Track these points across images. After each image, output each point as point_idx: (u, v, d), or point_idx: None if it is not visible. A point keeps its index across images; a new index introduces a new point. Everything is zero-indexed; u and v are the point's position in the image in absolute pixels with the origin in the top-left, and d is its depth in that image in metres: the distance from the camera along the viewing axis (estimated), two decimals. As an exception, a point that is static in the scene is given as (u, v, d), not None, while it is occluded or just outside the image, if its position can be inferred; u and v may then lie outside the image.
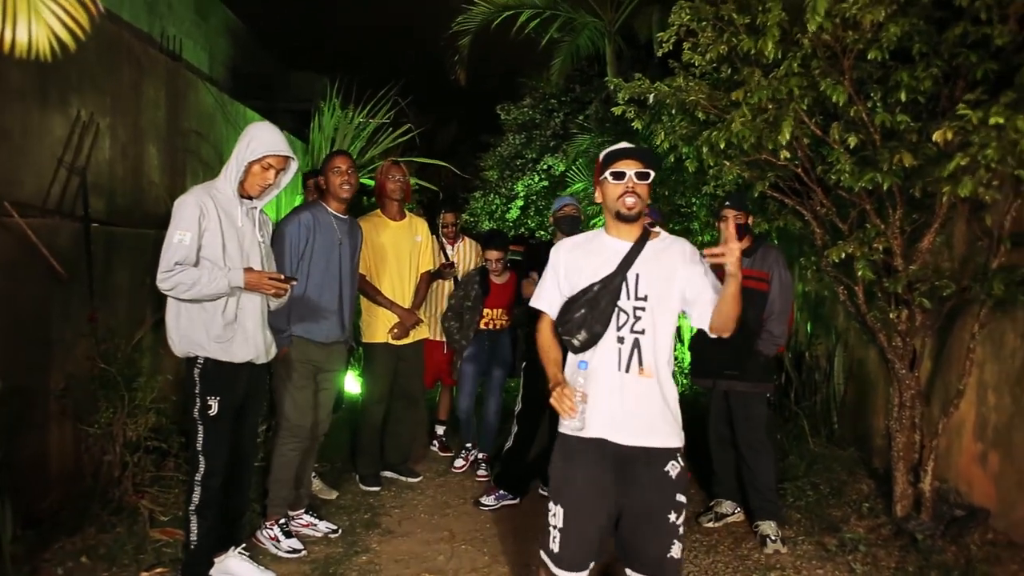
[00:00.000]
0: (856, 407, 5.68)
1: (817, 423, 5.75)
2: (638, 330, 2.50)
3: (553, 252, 2.72)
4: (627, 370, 2.50)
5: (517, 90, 12.63)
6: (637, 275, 2.53)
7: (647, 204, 2.58)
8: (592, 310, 2.50)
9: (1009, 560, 3.69)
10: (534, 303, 2.74)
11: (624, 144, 2.62)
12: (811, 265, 4.59)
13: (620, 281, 2.52)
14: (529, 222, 11.91)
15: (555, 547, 2.54)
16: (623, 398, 2.49)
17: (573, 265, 2.62)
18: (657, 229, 2.66)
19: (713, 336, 2.57)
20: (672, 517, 2.49)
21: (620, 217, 2.54)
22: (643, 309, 2.51)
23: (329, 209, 4.01)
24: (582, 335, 2.50)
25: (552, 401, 2.45)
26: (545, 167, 11.70)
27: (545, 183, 11.72)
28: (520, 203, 12.01)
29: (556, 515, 2.55)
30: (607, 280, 2.52)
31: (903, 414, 4.19)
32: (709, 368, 4.39)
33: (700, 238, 8.44)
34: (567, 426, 2.46)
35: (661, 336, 2.53)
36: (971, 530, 3.98)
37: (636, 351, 2.50)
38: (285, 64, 12.43)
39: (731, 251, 2.35)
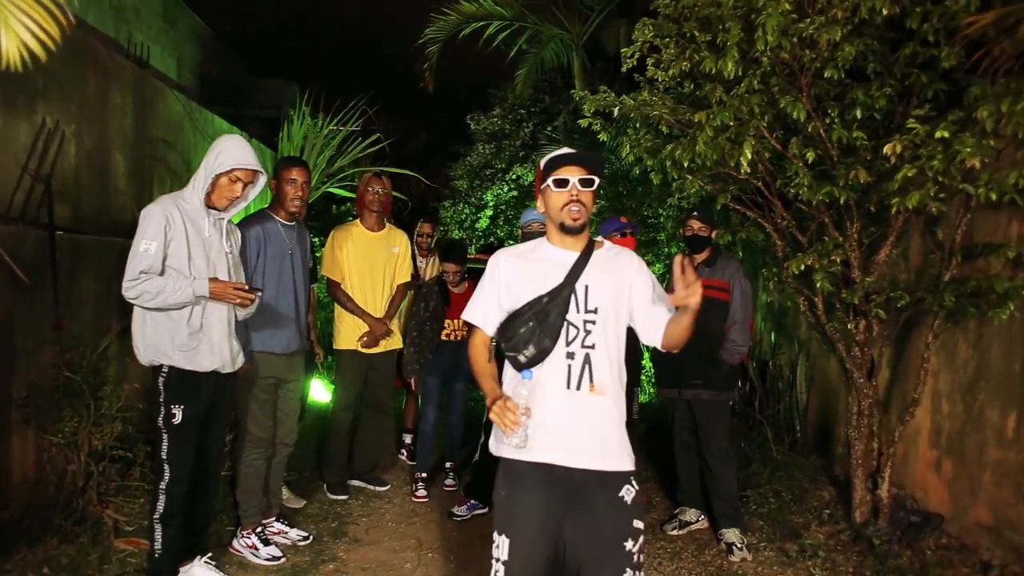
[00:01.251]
0: (818, 415, 5.80)
1: (780, 431, 5.86)
2: (588, 344, 2.34)
3: (491, 262, 2.51)
4: (578, 387, 2.32)
5: (487, 100, 12.69)
6: (586, 286, 2.37)
7: (591, 212, 2.43)
8: (541, 324, 2.32)
9: (961, 564, 3.81)
10: (467, 316, 2.53)
11: (566, 149, 2.45)
12: (772, 276, 4.70)
13: (569, 293, 2.35)
14: (499, 231, 11.95)
15: None
16: (573, 418, 2.31)
17: (516, 276, 2.44)
18: (600, 239, 2.54)
19: (663, 351, 2.47)
20: (628, 545, 2.30)
21: (564, 229, 2.39)
22: (593, 322, 2.35)
23: (277, 218, 3.99)
24: (529, 350, 2.32)
25: (492, 416, 2.25)
26: (514, 177, 11.76)
27: (514, 193, 11.78)
28: (489, 212, 12.05)
29: (500, 547, 2.36)
30: (555, 292, 2.35)
31: (861, 422, 4.30)
32: (673, 378, 4.47)
33: (667, 248, 8.57)
34: (509, 443, 2.27)
35: (613, 350, 2.38)
36: (926, 535, 4.10)
37: (587, 367, 2.33)
38: (253, 71, 12.37)
39: (695, 292, 2.20)
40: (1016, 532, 3.67)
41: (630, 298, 2.44)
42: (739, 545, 4.13)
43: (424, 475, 5.10)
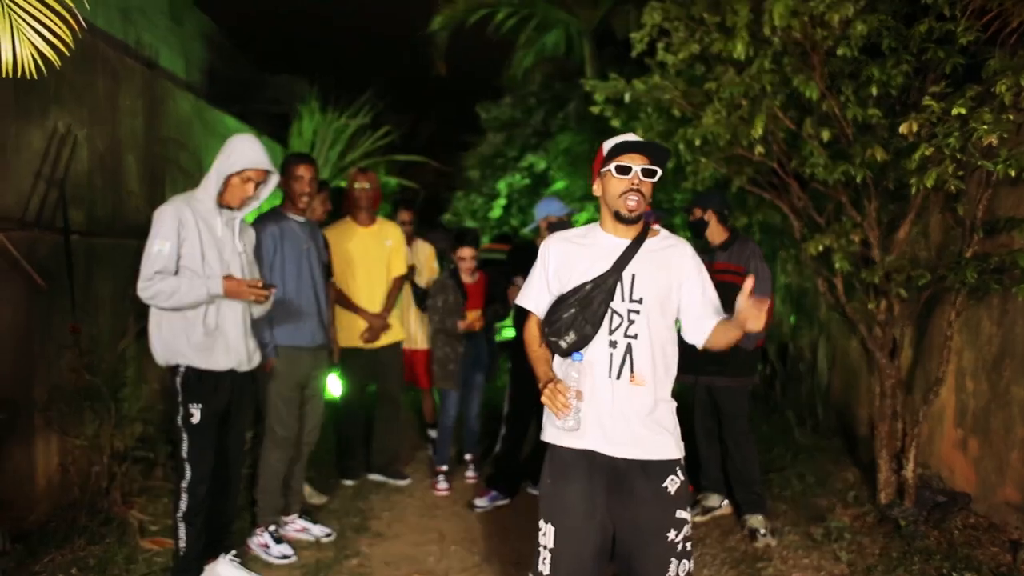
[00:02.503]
0: (841, 397, 5.75)
1: (802, 414, 5.81)
2: (631, 335, 2.33)
3: (543, 247, 2.51)
4: (618, 376, 2.32)
5: (497, 89, 12.65)
6: (633, 275, 2.35)
7: (649, 204, 2.40)
8: (583, 310, 2.31)
9: (989, 543, 3.76)
10: (520, 301, 2.55)
11: (631, 136, 2.42)
12: (791, 258, 4.65)
13: (615, 281, 2.34)
14: (512, 220, 11.94)
15: (545, 568, 2.34)
16: (613, 406, 2.31)
17: (564, 261, 2.43)
18: (657, 227, 2.51)
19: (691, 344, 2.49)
20: (672, 535, 2.29)
21: (620, 218, 2.37)
22: (638, 312, 2.34)
23: (291, 216, 4.01)
24: (571, 336, 2.32)
25: (543, 399, 2.26)
26: (527, 165, 11.73)
27: (527, 181, 11.75)
28: (502, 202, 12.03)
29: (546, 535, 2.35)
30: (600, 279, 2.34)
31: (884, 403, 4.25)
32: (690, 364, 4.42)
33: (684, 233, 8.50)
34: (562, 425, 2.26)
35: (657, 342, 2.36)
36: (953, 515, 4.05)
37: (628, 357, 2.32)
38: (262, 67, 12.36)
39: (759, 319, 2.23)
40: (1045, 510, 3.62)
41: (679, 293, 2.43)
42: (763, 531, 4.10)
43: (444, 468, 5.10)
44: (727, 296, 4.14)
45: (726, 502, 4.53)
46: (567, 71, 11.99)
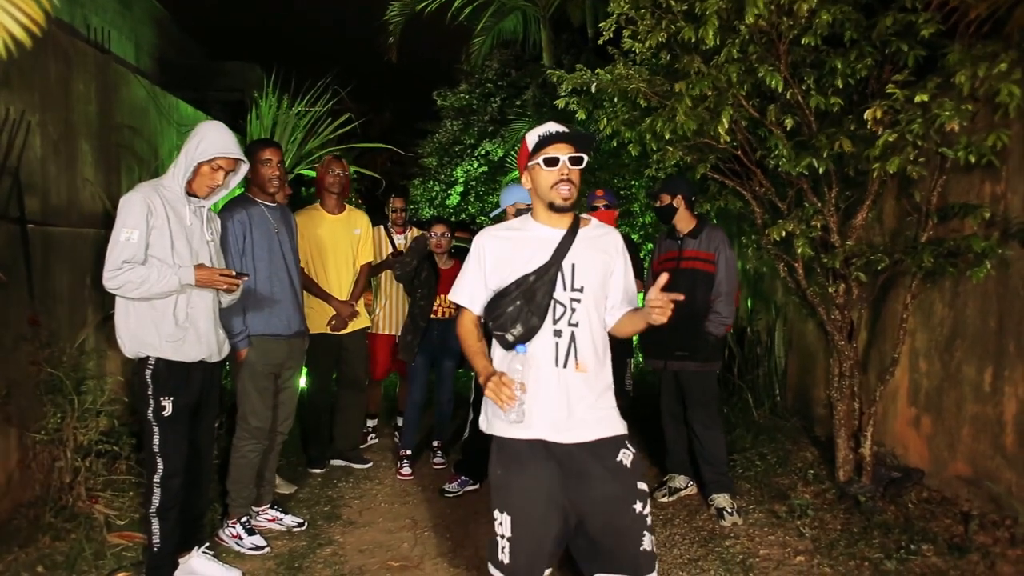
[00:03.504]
0: (797, 379, 5.91)
1: (760, 395, 5.97)
2: (574, 323, 2.37)
3: (477, 242, 2.51)
4: (564, 365, 2.36)
5: (453, 77, 12.59)
6: (573, 265, 2.39)
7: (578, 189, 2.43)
8: (528, 302, 2.33)
9: (943, 515, 3.92)
10: (453, 296, 2.53)
11: (554, 126, 2.42)
12: (752, 243, 4.75)
13: (556, 271, 2.37)
14: (470, 207, 11.92)
15: (505, 558, 2.36)
16: (561, 394, 2.35)
17: (501, 255, 2.44)
18: (586, 216, 2.56)
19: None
20: (638, 507, 2.34)
21: (554, 208, 2.39)
22: (579, 301, 2.38)
23: (259, 200, 3.96)
24: (517, 329, 2.32)
25: (488, 393, 2.27)
26: (483, 152, 11.71)
27: (484, 168, 11.73)
28: (460, 189, 11.99)
29: (503, 524, 2.36)
30: (542, 270, 2.36)
31: (843, 383, 4.39)
32: (659, 349, 4.51)
33: (641, 219, 8.61)
34: (506, 419, 2.28)
35: (596, 328, 2.43)
36: (908, 490, 4.21)
37: (572, 345, 2.36)
38: (213, 54, 12.09)
39: (664, 314, 2.24)
40: (994, 482, 3.79)
41: (611, 280, 2.48)
42: (729, 510, 4.20)
43: (408, 453, 5.12)
44: (696, 283, 4.26)
45: (692, 483, 4.63)
46: (523, 58, 12.00)
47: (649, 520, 2.37)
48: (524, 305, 2.32)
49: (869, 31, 3.55)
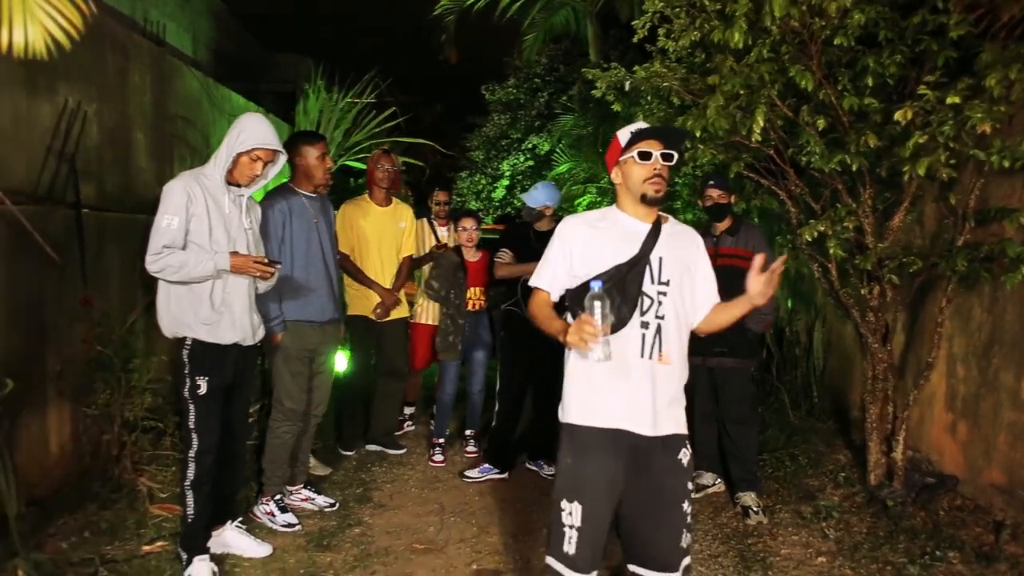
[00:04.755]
0: (835, 381, 5.84)
1: (797, 397, 5.92)
2: (660, 315, 2.41)
3: (564, 229, 2.53)
4: (650, 356, 2.39)
5: (502, 71, 12.66)
6: (660, 258, 2.44)
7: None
8: (620, 293, 2.36)
9: (974, 524, 3.87)
10: (534, 281, 2.56)
11: (643, 123, 2.51)
12: (787, 243, 4.72)
13: (645, 264, 2.42)
14: (515, 201, 12.00)
15: (571, 549, 2.37)
16: (648, 386, 2.38)
17: (590, 244, 2.46)
18: (664, 214, 2.59)
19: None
20: (685, 505, 2.41)
21: (645, 200, 2.43)
22: (665, 294, 2.42)
23: (300, 191, 4.08)
24: (608, 319, 2.29)
25: (570, 337, 2.25)
26: (530, 147, 11.77)
27: (531, 163, 11.80)
28: (506, 183, 12.09)
29: (572, 514, 2.38)
30: (632, 262, 2.40)
31: (876, 386, 4.34)
32: (698, 347, 4.50)
33: (683, 216, 8.57)
34: (592, 356, 2.20)
35: (681, 322, 2.47)
36: (940, 496, 4.16)
37: (658, 337, 2.40)
38: (268, 46, 12.39)
39: (769, 293, 2.35)
40: (1028, 492, 3.72)
41: (693, 277, 2.53)
42: (755, 508, 4.21)
43: (442, 441, 5.24)
44: (733, 281, 4.24)
45: (719, 480, 4.64)
46: (572, 53, 12.01)
47: (689, 518, 2.44)
48: (616, 295, 2.35)
49: (904, 31, 3.51)
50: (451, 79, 13.45)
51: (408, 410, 6.00)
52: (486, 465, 4.86)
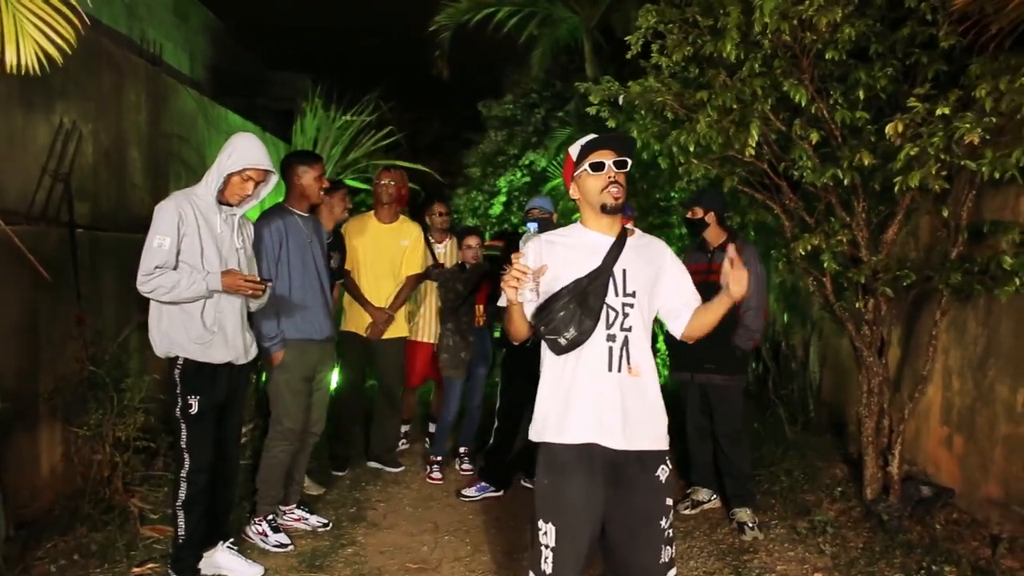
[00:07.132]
0: (832, 395, 5.83)
1: (794, 411, 5.90)
2: (627, 327, 2.39)
3: (526, 246, 2.52)
4: (618, 369, 2.38)
5: (498, 87, 12.71)
6: (624, 270, 2.42)
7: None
8: (581, 306, 2.35)
9: (970, 537, 3.85)
10: (503, 301, 2.51)
11: (594, 134, 2.49)
12: (782, 257, 4.72)
13: (608, 276, 2.40)
14: (512, 218, 12.01)
15: (548, 567, 2.36)
16: (615, 400, 2.36)
17: (552, 260, 2.43)
18: (631, 227, 2.58)
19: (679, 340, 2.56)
20: (663, 523, 2.39)
21: (606, 209, 2.41)
22: (631, 306, 2.41)
23: (295, 210, 4.08)
24: (570, 332, 2.34)
25: (503, 284, 2.28)
26: (527, 163, 11.80)
27: (527, 179, 11.83)
28: (503, 199, 12.10)
29: (547, 534, 2.37)
30: (594, 275, 2.39)
31: (871, 400, 4.33)
32: (686, 362, 4.52)
33: (679, 230, 8.58)
34: (521, 298, 2.27)
35: (647, 333, 2.46)
36: (936, 510, 4.14)
37: (625, 349, 2.39)
38: (266, 63, 12.45)
39: (742, 282, 2.33)
40: (1026, 506, 3.70)
41: (663, 287, 2.51)
42: (750, 524, 4.18)
43: (439, 458, 5.22)
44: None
45: (715, 497, 4.61)
46: (568, 68, 12.06)
47: (669, 534, 2.42)
48: (577, 308, 2.35)
49: (895, 45, 3.53)
50: (448, 95, 13.51)
51: (404, 428, 5.98)
52: (483, 483, 4.83)
